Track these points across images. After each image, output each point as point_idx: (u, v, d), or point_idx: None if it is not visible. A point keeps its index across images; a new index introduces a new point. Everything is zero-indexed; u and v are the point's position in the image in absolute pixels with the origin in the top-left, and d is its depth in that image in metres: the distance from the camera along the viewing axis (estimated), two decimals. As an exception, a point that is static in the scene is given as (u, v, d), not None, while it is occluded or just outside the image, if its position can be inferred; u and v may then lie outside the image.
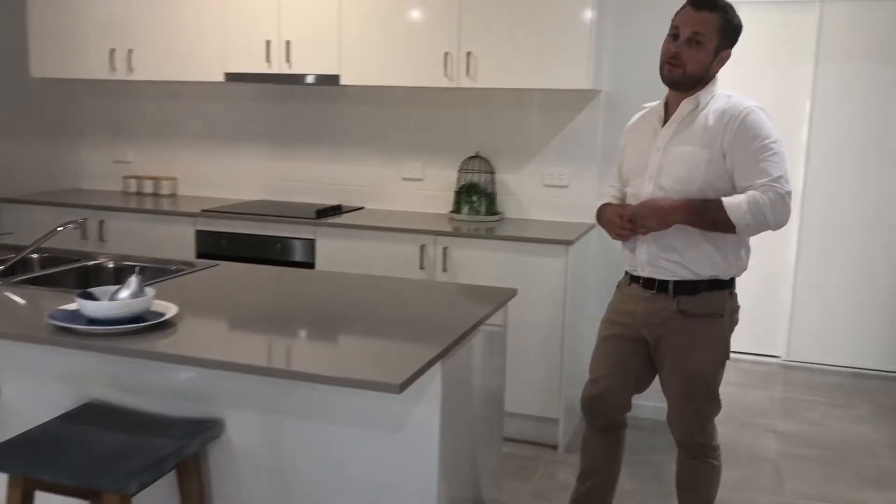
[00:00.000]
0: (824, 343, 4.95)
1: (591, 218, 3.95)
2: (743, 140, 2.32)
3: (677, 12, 2.42)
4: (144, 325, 2.02)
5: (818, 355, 4.97)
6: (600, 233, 3.98)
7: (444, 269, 3.68)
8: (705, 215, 2.34)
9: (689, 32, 2.35)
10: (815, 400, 4.42)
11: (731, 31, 2.38)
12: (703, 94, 2.41)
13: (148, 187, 4.69)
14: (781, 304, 4.97)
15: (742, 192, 2.32)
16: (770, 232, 2.38)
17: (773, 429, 3.99)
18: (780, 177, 2.30)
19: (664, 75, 2.42)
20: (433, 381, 1.90)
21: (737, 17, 2.40)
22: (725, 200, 2.31)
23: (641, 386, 2.63)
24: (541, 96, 4.04)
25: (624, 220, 2.44)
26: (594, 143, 3.98)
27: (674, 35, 2.39)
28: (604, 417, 2.63)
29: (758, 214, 2.27)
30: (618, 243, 2.59)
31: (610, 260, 4.02)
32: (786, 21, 4.76)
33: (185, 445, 1.95)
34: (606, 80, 3.94)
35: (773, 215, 2.29)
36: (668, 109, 2.49)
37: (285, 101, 4.50)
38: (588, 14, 3.59)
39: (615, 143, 3.90)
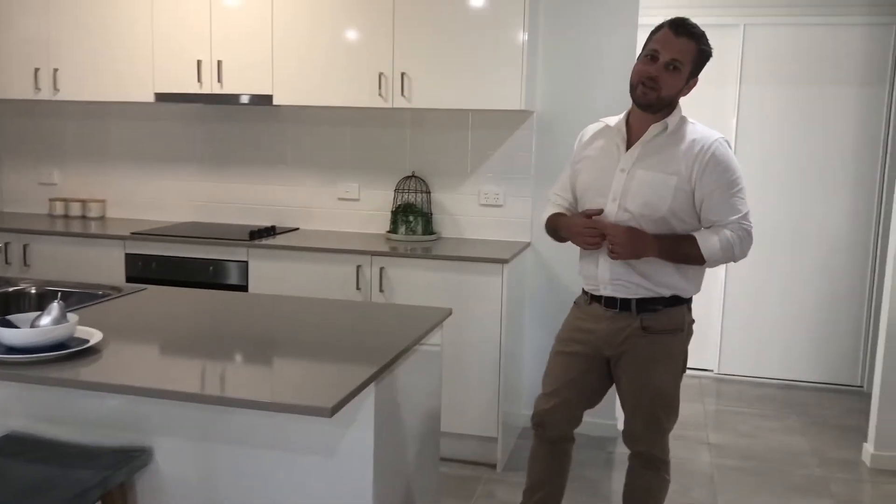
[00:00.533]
0: (755, 356, 5.08)
1: (526, 236, 4.04)
2: (713, 175, 2.37)
3: (654, 34, 2.42)
4: (67, 352, 1.96)
5: (749, 368, 5.10)
6: (536, 251, 4.05)
7: (381, 290, 3.67)
8: (678, 250, 2.40)
9: (668, 57, 2.36)
10: (747, 412, 4.52)
11: (704, 59, 2.42)
12: (671, 119, 2.44)
13: (75, 210, 4.56)
14: (712, 318, 5.10)
15: (709, 225, 2.41)
16: None
17: (705, 441, 4.07)
18: (747, 213, 2.42)
19: (637, 96, 2.41)
20: (366, 404, 1.88)
21: (709, 45, 2.43)
22: (700, 239, 2.38)
23: (594, 403, 2.66)
24: (475, 116, 4.07)
25: (595, 231, 2.42)
26: (528, 163, 4.03)
27: (652, 57, 2.38)
28: (555, 431, 2.65)
29: (727, 251, 2.39)
30: (555, 261, 2.63)
31: (546, 278, 4.07)
32: (713, 43, 4.89)
33: (110, 476, 1.88)
34: (539, 101, 4.00)
35: (741, 250, 2.42)
36: (631, 129, 2.49)
37: (218, 121, 4.45)
38: (520, 36, 3.64)
39: (549, 162, 4.00)
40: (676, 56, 2.36)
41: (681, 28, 2.38)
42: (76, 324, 2.05)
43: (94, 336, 2.06)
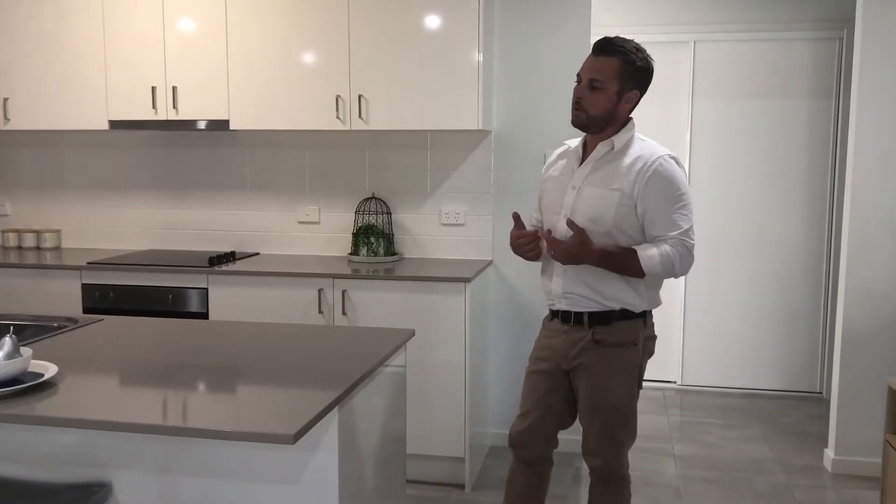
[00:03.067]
0: (717, 367, 5.15)
1: (488, 254, 4.05)
2: (655, 190, 2.41)
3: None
4: (20, 387, 1.91)
5: (712, 379, 5.17)
6: (499, 269, 4.07)
7: (344, 313, 3.65)
8: (619, 260, 2.43)
9: (588, 77, 2.46)
10: (711, 422, 4.57)
11: (634, 73, 2.46)
12: (618, 138, 2.49)
13: (29, 241, 4.47)
14: (673, 330, 5.16)
15: (652, 240, 2.44)
16: None
17: (671, 453, 4.10)
18: (689, 229, 2.44)
19: (572, 120, 2.52)
20: (330, 429, 1.87)
21: (642, 58, 2.47)
22: (640, 252, 2.41)
23: (567, 420, 2.67)
24: (434, 137, 4.09)
25: (526, 239, 2.53)
26: (488, 181, 4.06)
27: (578, 80, 2.50)
28: (530, 451, 2.65)
29: (667, 266, 2.41)
30: (517, 278, 2.66)
31: (509, 295, 4.08)
32: (664, 60, 4.99)
33: (68, 513, 1.84)
34: (496, 120, 4.03)
35: (681, 267, 2.44)
36: (587, 149, 2.57)
37: (174, 147, 4.40)
38: (475, 57, 3.67)
39: (508, 180, 4.03)
40: (594, 76, 2.45)
41: (598, 48, 2.48)
42: (30, 358, 2.00)
43: (49, 370, 2.01)
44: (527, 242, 2.54)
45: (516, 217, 2.61)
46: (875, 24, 3.63)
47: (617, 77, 2.44)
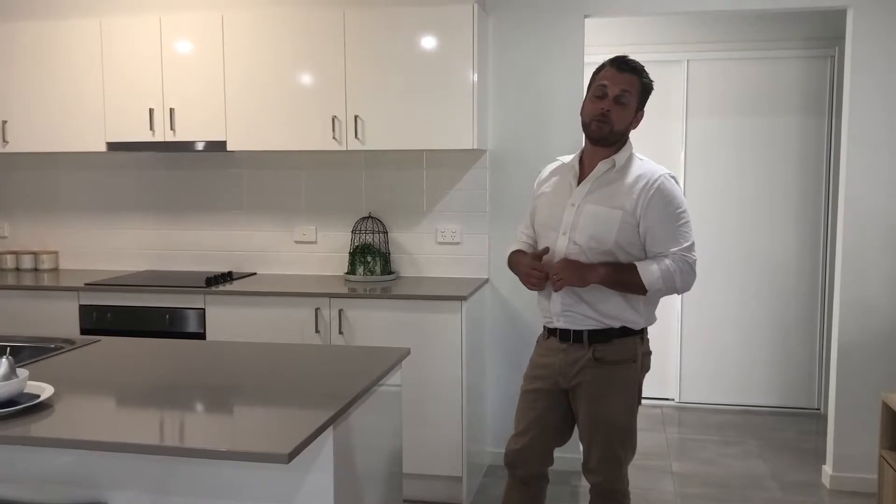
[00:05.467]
0: (714, 384, 5.15)
1: (484, 273, 4.07)
2: (657, 208, 2.44)
3: (597, 72, 2.53)
4: (16, 408, 1.91)
5: (709, 396, 5.17)
6: (495, 287, 4.08)
7: (341, 332, 3.66)
8: (621, 277, 2.45)
9: (617, 91, 2.47)
10: (709, 439, 4.57)
11: (647, 92, 2.54)
12: (619, 156, 2.52)
13: (27, 263, 4.49)
14: (671, 348, 5.16)
15: (653, 257, 2.45)
16: None
17: (669, 470, 4.09)
18: (690, 246, 2.47)
19: (592, 131, 2.51)
20: (325, 448, 1.87)
21: (650, 78, 2.54)
22: (640, 267, 2.43)
23: (563, 438, 2.67)
24: (429, 156, 4.12)
25: (537, 271, 2.51)
26: (483, 200, 4.08)
27: (601, 94, 2.48)
28: (526, 470, 2.65)
29: (669, 281, 2.43)
30: (514, 296, 2.67)
31: (506, 313, 4.09)
32: (659, 79, 5.01)
33: (63, 534, 1.84)
34: (491, 139, 4.06)
35: (682, 283, 2.46)
36: (584, 166, 2.57)
37: (171, 168, 4.43)
38: (469, 77, 3.71)
39: (504, 198, 4.05)
40: (625, 88, 2.47)
41: (623, 64, 2.50)
42: (26, 379, 2.01)
43: (46, 391, 2.02)
44: (540, 278, 2.51)
45: (541, 253, 2.54)
46: (864, 42, 3.67)
47: (637, 94, 2.50)
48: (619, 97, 2.47)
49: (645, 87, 2.52)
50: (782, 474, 4.03)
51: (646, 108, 2.58)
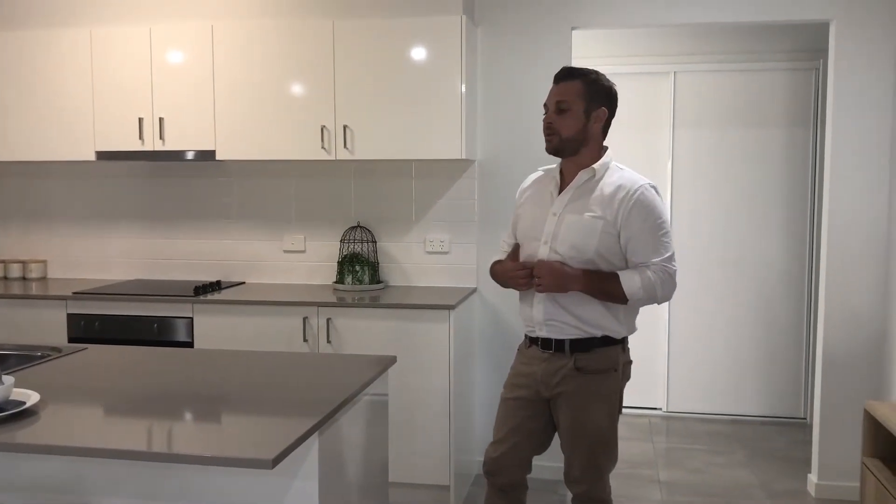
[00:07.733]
0: (702, 393, 5.17)
1: (472, 282, 4.09)
2: (637, 218, 2.46)
3: None
4: (1, 415, 1.92)
5: (697, 405, 5.19)
6: (483, 296, 4.09)
7: (329, 341, 3.67)
8: (602, 286, 2.47)
9: (554, 101, 2.54)
10: (696, 448, 4.59)
11: (597, 91, 2.54)
12: (598, 165, 2.55)
13: (15, 271, 4.48)
14: (659, 357, 5.18)
15: (634, 266, 2.48)
16: None
17: (656, 479, 4.11)
18: (671, 256, 2.49)
19: (546, 147, 2.57)
20: (310, 455, 1.88)
21: (605, 80, 2.57)
22: (622, 276, 2.45)
23: (543, 447, 2.69)
24: (418, 166, 4.14)
25: (524, 272, 2.54)
26: (472, 210, 4.10)
27: (546, 109, 2.57)
28: (505, 478, 2.66)
29: (649, 291, 2.45)
30: (501, 305, 2.67)
31: (493, 322, 4.11)
32: (645, 91, 5.09)
33: (48, 541, 1.84)
34: (479, 150, 4.09)
35: (663, 292, 2.48)
36: (564, 176, 2.61)
37: (160, 177, 4.44)
38: (458, 87, 3.73)
39: (492, 208, 4.08)
40: (559, 98, 2.53)
41: (560, 75, 2.58)
42: (12, 386, 2.02)
43: (31, 398, 2.03)
44: (525, 275, 2.54)
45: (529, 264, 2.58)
46: (847, 54, 3.72)
47: (581, 97, 2.52)
48: (558, 105, 2.53)
49: (591, 87, 2.53)
50: (769, 483, 4.05)
51: (632, 120, 2.60)
